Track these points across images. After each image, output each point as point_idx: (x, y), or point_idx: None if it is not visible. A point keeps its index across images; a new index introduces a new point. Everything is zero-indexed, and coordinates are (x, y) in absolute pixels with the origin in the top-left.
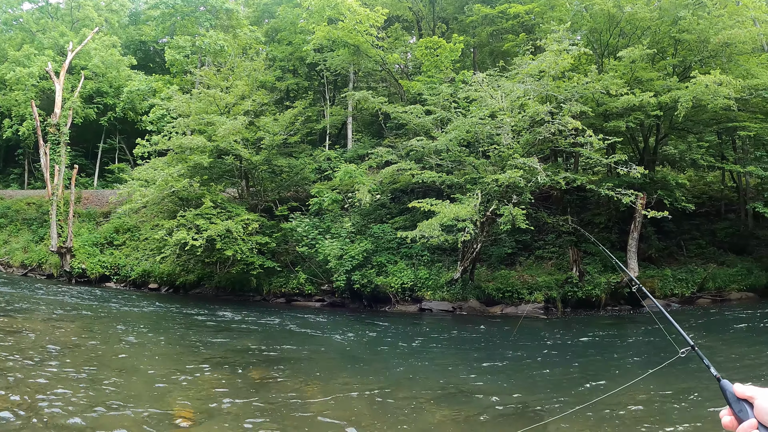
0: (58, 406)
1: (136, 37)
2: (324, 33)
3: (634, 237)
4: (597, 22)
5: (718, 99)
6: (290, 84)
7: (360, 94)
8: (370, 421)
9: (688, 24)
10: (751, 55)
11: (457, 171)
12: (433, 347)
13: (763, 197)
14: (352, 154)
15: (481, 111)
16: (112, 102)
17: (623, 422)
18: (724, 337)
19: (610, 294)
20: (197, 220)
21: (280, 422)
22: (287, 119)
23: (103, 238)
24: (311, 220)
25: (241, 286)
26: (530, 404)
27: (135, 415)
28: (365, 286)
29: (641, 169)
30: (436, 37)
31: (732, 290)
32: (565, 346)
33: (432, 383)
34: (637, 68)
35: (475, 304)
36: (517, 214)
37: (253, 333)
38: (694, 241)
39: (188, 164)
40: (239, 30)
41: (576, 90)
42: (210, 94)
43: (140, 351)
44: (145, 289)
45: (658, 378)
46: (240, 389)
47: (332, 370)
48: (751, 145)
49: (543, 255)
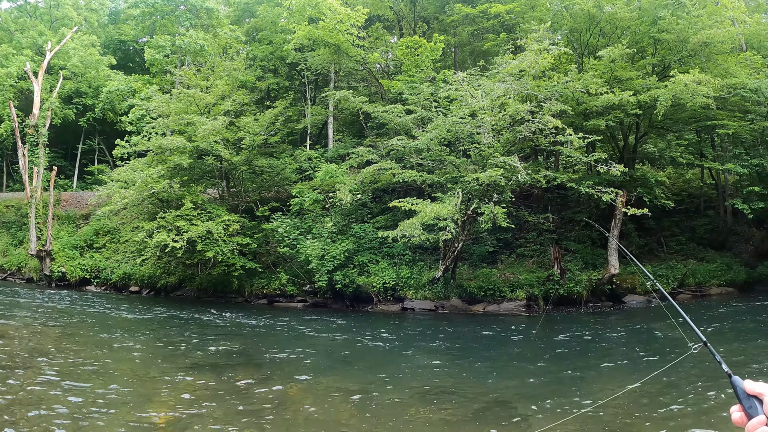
0: (36, 413)
1: (115, 37)
2: (305, 32)
3: (615, 234)
4: (577, 21)
5: (697, 98)
6: (271, 84)
7: (340, 94)
8: (354, 422)
9: (667, 24)
10: (729, 54)
11: (438, 170)
12: (416, 346)
13: (741, 194)
14: (333, 153)
15: (461, 110)
16: (91, 102)
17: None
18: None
19: (591, 291)
20: (178, 222)
21: (262, 426)
22: (268, 119)
23: (83, 241)
24: (292, 221)
25: (222, 288)
26: (512, 402)
27: (115, 422)
28: (347, 286)
29: (621, 167)
30: (416, 36)
31: (712, 285)
32: (547, 343)
33: (415, 383)
34: (616, 67)
35: (457, 302)
36: (498, 213)
37: (235, 335)
38: (674, 238)
39: (168, 165)
40: (220, 29)
41: (556, 89)
42: (190, 94)
43: (120, 355)
44: (125, 291)
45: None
46: (222, 393)
47: (315, 371)
48: (730, 142)
49: (524, 253)
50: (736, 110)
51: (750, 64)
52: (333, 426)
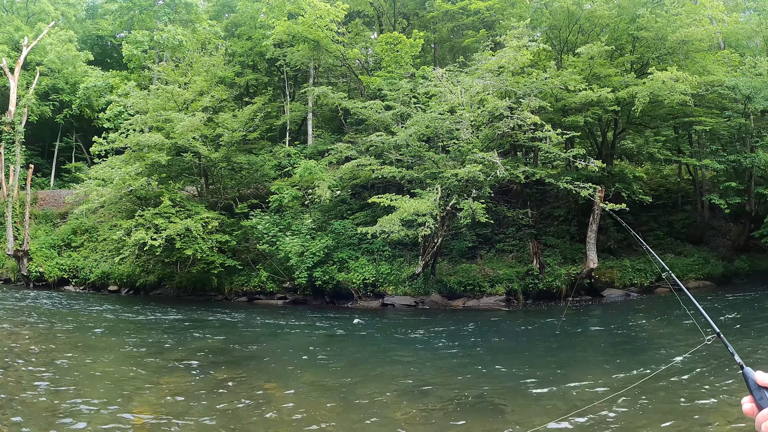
0: (15, 414)
1: (93, 32)
2: (284, 28)
3: (593, 229)
4: (556, 18)
5: (675, 95)
6: (250, 80)
7: (320, 90)
8: (335, 419)
9: (646, 22)
10: (707, 52)
11: (417, 166)
12: (397, 342)
13: (718, 189)
14: (312, 150)
15: (440, 106)
16: (68, 99)
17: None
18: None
19: (570, 285)
20: (156, 220)
21: (242, 425)
22: (246, 115)
23: (61, 240)
24: (271, 218)
25: (202, 286)
26: (493, 396)
27: (93, 422)
28: (327, 283)
29: (599, 162)
30: (396, 32)
31: (690, 279)
32: (526, 337)
33: (395, 378)
34: (595, 64)
35: (437, 298)
36: (477, 208)
37: (215, 333)
38: (652, 233)
39: (146, 162)
40: (198, 24)
41: (535, 85)
42: (168, 90)
43: (100, 355)
44: (104, 291)
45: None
46: (202, 391)
47: (295, 368)
48: (707, 139)
49: (504, 248)
50: (714, 107)
51: (727, 62)
52: (314, 424)
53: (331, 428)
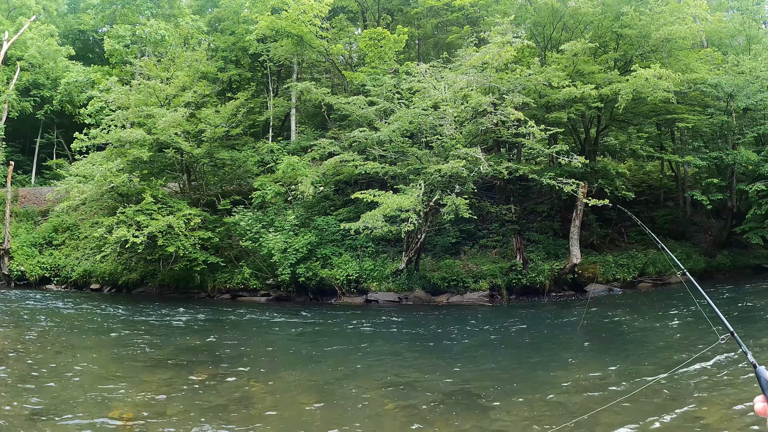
0: None
1: (75, 26)
2: (267, 23)
3: (576, 225)
4: (541, 15)
5: (658, 92)
6: (233, 75)
7: (303, 85)
8: (318, 416)
9: (630, 19)
10: (690, 50)
11: (400, 162)
12: (381, 338)
13: (700, 186)
14: (296, 146)
15: (424, 102)
16: (49, 94)
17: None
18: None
19: (553, 280)
20: (138, 217)
21: (226, 423)
22: (229, 111)
23: (42, 238)
24: (254, 214)
25: (185, 283)
26: (478, 391)
27: (75, 421)
28: (310, 279)
29: (582, 158)
30: (380, 28)
31: (672, 274)
32: (510, 332)
33: (380, 375)
34: (579, 61)
35: (420, 293)
36: (460, 204)
37: (197, 331)
38: (634, 228)
39: (127, 158)
40: (181, 19)
41: (518, 82)
42: (150, 85)
43: (81, 355)
44: (86, 289)
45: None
46: (184, 390)
47: (279, 366)
48: (689, 136)
49: (487, 244)
50: (696, 105)
51: (710, 60)
52: (297, 421)
53: (314, 426)
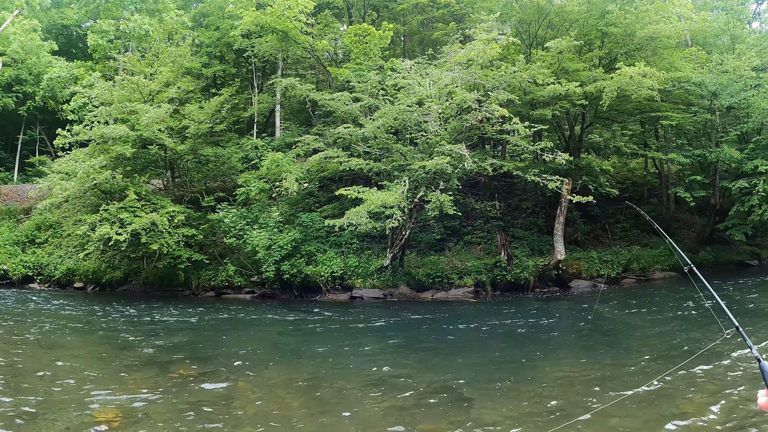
0: None
1: (58, 21)
2: (252, 18)
3: (561, 221)
4: (526, 13)
5: (642, 90)
6: (217, 71)
7: (288, 81)
8: (304, 413)
9: (615, 18)
10: (675, 49)
11: (384, 158)
12: (365, 335)
13: (684, 183)
14: (280, 142)
15: (408, 98)
16: (31, 90)
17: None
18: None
19: (538, 276)
20: (121, 214)
21: (211, 421)
22: (213, 107)
23: (25, 237)
24: (239, 211)
25: (169, 281)
26: (459, 388)
27: (57, 422)
28: (295, 276)
29: (566, 155)
30: (365, 24)
31: (655, 270)
32: (495, 328)
33: (364, 372)
34: (564, 59)
35: (405, 290)
36: (445, 201)
37: (181, 329)
38: (618, 225)
39: (110, 155)
40: (165, 14)
41: (503, 79)
42: (133, 81)
43: (63, 354)
44: (70, 288)
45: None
46: (167, 389)
47: (264, 363)
48: (673, 134)
49: (472, 240)
50: (680, 103)
51: (695, 59)
52: (283, 419)
53: (299, 424)
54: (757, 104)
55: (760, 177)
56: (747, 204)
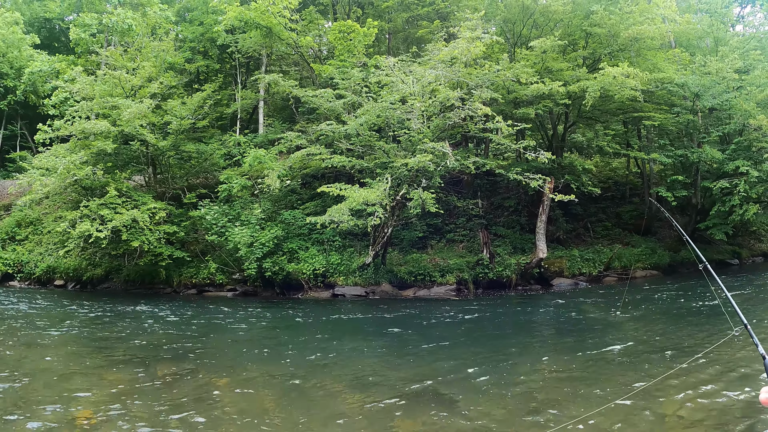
0: None
1: (40, 14)
2: (236, 13)
3: (543, 219)
4: (511, 12)
5: (625, 90)
6: (200, 66)
7: (271, 77)
8: (283, 413)
9: (599, 18)
10: (658, 50)
11: (367, 156)
12: (347, 333)
13: (665, 182)
14: (263, 139)
15: (392, 96)
16: (12, 84)
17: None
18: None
19: (520, 274)
20: (101, 210)
21: (189, 420)
22: (196, 103)
23: (5, 233)
24: (220, 208)
25: (150, 279)
26: (440, 387)
27: (35, 419)
28: (277, 274)
29: (549, 154)
30: (350, 21)
31: (637, 268)
32: (477, 326)
33: (345, 370)
34: (548, 58)
35: (387, 288)
36: (427, 198)
37: (162, 327)
38: (600, 223)
39: (91, 151)
40: (149, 8)
41: (487, 77)
42: (115, 75)
43: (42, 353)
44: (50, 285)
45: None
46: (146, 387)
47: (243, 361)
48: (655, 134)
49: (454, 238)
50: (663, 103)
51: (678, 60)
52: (262, 418)
53: (277, 421)
54: (739, 106)
55: (741, 177)
56: (728, 204)
